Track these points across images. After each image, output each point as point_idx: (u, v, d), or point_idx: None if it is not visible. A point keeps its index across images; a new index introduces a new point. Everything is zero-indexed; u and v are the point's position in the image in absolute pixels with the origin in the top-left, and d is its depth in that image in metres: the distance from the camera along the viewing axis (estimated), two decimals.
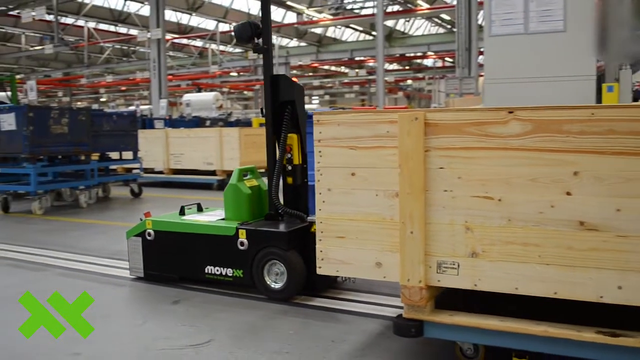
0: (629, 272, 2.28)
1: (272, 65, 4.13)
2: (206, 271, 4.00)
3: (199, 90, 28.58)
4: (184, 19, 29.40)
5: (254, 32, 4.11)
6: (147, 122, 14.94)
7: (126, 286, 4.22)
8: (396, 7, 24.41)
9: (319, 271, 2.91)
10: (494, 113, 2.45)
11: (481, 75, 17.47)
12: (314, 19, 26.78)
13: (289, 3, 25.81)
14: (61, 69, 31.52)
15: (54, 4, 20.68)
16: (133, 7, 27.62)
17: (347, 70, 34.50)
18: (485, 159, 2.48)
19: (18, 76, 24.38)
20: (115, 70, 31.51)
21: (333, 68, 36.70)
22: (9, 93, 12.57)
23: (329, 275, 2.95)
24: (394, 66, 34.75)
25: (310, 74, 36.65)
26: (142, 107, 28.72)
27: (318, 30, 30.63)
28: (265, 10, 4.11)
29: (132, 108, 30.24)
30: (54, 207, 8.68)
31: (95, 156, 9.44)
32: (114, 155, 10.00)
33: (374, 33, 27.54)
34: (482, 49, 18.18)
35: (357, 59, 29.93)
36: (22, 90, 21.73)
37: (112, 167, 10.44)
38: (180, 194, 9.66)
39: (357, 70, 32.38)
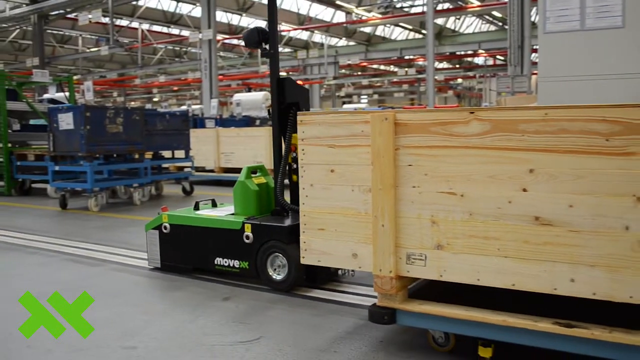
0: (581, 265, 2.41)
1: (278, 69, 4.34)
2: (216, 262, 4.28)
3: (249, 90, 29.11)
4: (235, 19, 30.01)
5: (261, 38, 4.32)
6: (199, 122, 15.41)
7: (176, 281, 4.40)
8: (446, 5, 24.36)
9: (302, 261, 3.13)
10: (457, 113, 2.61)
11: (534, 74, 17.26)
12: (363, 17, 26.92)
13: (338, 2, 26.04)
14: (116, 69, 32.67)
15: (109, 7, 21.41)
16: (185, 9, 28.41)
17: (396, 69, 34.49)
18: (449, 157, 2.65)
19: (75, 77, 25.44)
20: (168, 70, 32.46)
21: (382, 67, 36.73)
22: (67, 93, 12.73)
23: (312, 264, 3.17)
24: (444, 65, 34.54)
25: (359, 73, 36.79)
26: (193, 106, 29.49)
27: (367, 29, 30.75)
28: (272, 16, 4.31)
29: (184, 108, 31.10)
30: (109, 204, 9.05)
31: (148, 155, 9.81)
32: (167, 154, 10.38)
33: (423, 31, 27.53)
34: (535, 47, 17.90)
35: (406, 57, 29.93)
36: (79, 91, 22.67)
37: (165, 165, 10.84)
38: (230, 192, 9.99)
39: (406, 69, 32.36)
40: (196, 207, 4.64)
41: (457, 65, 35.31)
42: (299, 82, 4.58)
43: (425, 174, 2.70)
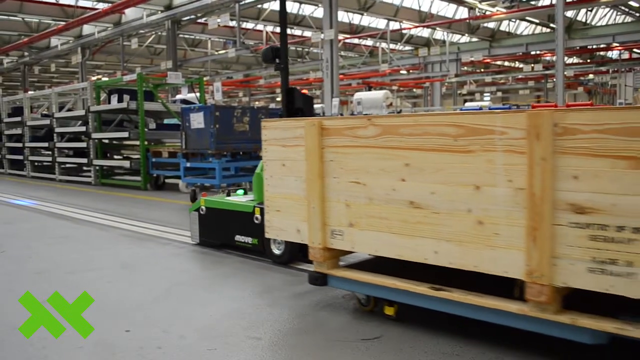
0: (441, 240, 3.13)
1: (288, 80, 5.27)
2: (236, 239, 5.30)
3: (369, 89, 30.02)
4: (355, 19, 30.96)
5: (274, 54, 5.27)
6: None
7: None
8: None
9: (266, 235, 4.06)
10: (360, 120, 3.41)
11: None
12: (487, 13, 26.77)
13: None
14: (242, 71, 34.92)
15: (236, 11, 23.00)
16: (307, 10, 29.76)
17: (521, 66, 33.79)
18: (355, 154, 3.45)
19: (205, 78, 27.74)
20: (291, 71, 34.17)
21: (506, 63, 36.11)
22: (198, 94, 13.94)
23: (278, 239, 4.07)
24: (574, 60, 33.34)
25: (482, 70, 36.43)
26: (315, 105, 30.91)
27: (491, 25, 30.47)
28: (283, 35, 5.23)
29: None
30: None
31: None
32: None
33: (552, 25, 26.88)
34: None
35: (532, 53, 29.36)
36: (208, 92, 24.75)
37: None
38: None
39: (532, 65, 31.68)
40: (228, 194, 5.69)
41: (588, 60, 33.93)
42: (304, 91, 5.45)
43: (341, 168, 3.52)
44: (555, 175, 2.67)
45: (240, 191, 5.81)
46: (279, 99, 44.37)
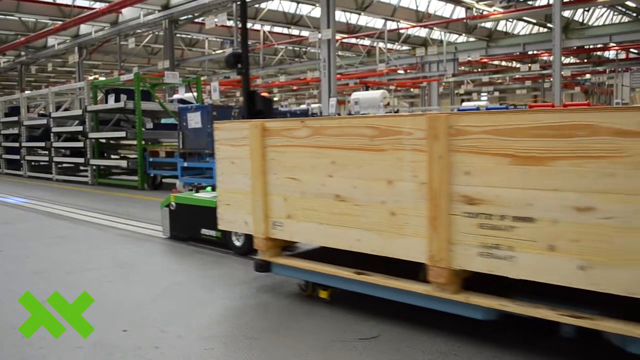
0: (363, 230, 3.53)
1: (249, 84, 5.69)
2: (202, 233, 5.72)
3: (367, 89, 30.38)
4: (353, 19, 31.34)
5: (236, 60, 5.69)
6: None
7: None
8: None
9: (219, 227, 4.47)
10: (294, 123, 3.82)
11: None
12: (485, 12, 27.10)
13: None
14: None
15: (234, 11, 23.28)
16: (305, 10, 30.12)
17: (518, 65, 34.12)
18: (291, 153, 3.85)
19: (202, 78, 28.15)
20: (288, 70, 34.60)
21: (503, 63, 36.43)
22: (195, 94, 14.12)
23: (229, 230, 4.48)
24: (571, 59, 33.65)
25: (479, 70, 36.77)
26: (312, 105, 31.23)
27: (488, 25, 30.82)
28: (244, 42, 5.65)
29: (303, 106, 33.02)
30: None
31: None
32: None
33: (549, 25, 27.15)
34: None
35: (529, 53, 29.67)
36: (205, 91, 25.07)
37: None
38: None
39: (529, 64, 32.02)
40: (197, 191, 6.11)
41: (585, 60, 34.25)
42: (264, 94, 5.87)
43: (280, 165, 3.93)
44: (451, 170, 3.07)
45: (209, 188, 6.23)
46: (276, 98, 44.88)
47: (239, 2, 22.57)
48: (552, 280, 2.80)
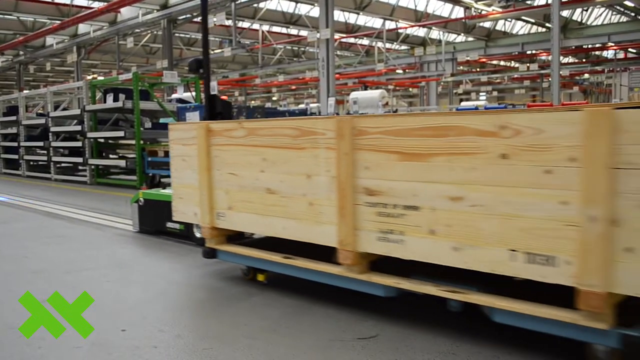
0: (288, 219, 4.06)
1: (209, 88, 6.23)
2: (167, 226, 6.25)
3: (365, 88, 30.90)
4: (352, 18, 31.81)
5: (199, 65, 6.22)
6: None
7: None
8: None
9: (173, 218, 5.01)
10: (233, 124, 4.37)
11: None
12: (483, 12, 27.49)
13: None
14: (237, 70, 35.93)
15: (232, 10, 23.64)
16: (304, 9, 30.60)
17: (517, 65, 34.55)
18: (231, 151, 4.39)
19: None
20: (287, 70, 35.14)
21: (502, 63, 36.83)
22: (194, 93, 14.35)
23: (184, 222, 5.01)
24: (569, 59, 34.04)
25: (478, 69, 37.19)
26: (311, 105, 31.75)
27: (487, 24, 31.24)
28: (205, 49, 6.18)
29: (302, 106, 33.57)
30: None
31: None
32: None
33: (547, 25, 27.55)
34: None
35: (528, 52, 30.08)
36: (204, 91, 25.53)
37: None
38: None
39: (528, 64, 32.45)
40: (164, 187, 6.66)
41: (584, 60, 34.65)
42: (224, 97, 6.41)
43: (222, 162, 4.48)
44: (354, 166, 3.59)
45: None
46: (275, 98, 45.48)
47: (237, 2, 23.03)
48: (434, 260, 3.32)
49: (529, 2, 26.86)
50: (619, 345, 2.78)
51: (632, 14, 27.84)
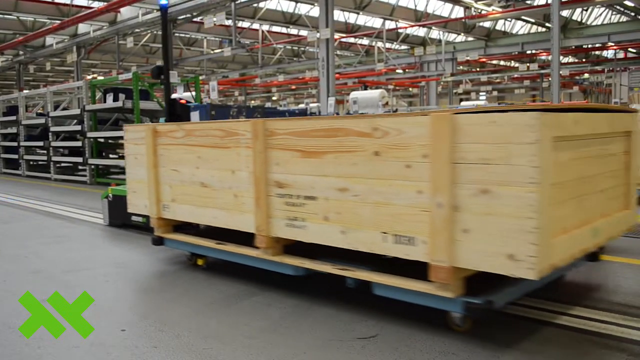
0: (218, 209, 4.72)
1: (170, 93, 6.95)
2: (132, 219, 6.94)
3: (365, 88, 31.38)
4: (351, 18, 32.35)
5: (159, 72, 6.92)
6: None
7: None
8: None
9: (128, 210, 5.69)
10: (174, 126, 5.03)
11: None
12: (483, 12, 27.93)
13: None
14: (237, 70, 36.55)
15: (232, 10, 23.98)
16: (303, 9, 31.15)
17: (517, 65, 35.01)
18: (173, 150, 5.08)
19: (200, 77, 29.27)
20: (286, 70, 35.74)
21: (502, 63, 37.29)
22: (194, 93, 14.59)
23: (138, 214, 5.68)
24: (569, 59, 34.48)
25: (478, 69, 37.66)
26: (311, 104, 32.29)
27: (487, 24, 31.71)
28: (165, 57, 6.89)
29: (301, 106, 34.14)
30: None
31: None
32: None
33: (547, 24, 27.97)
34: None
35: (528, 52, 30.51)
36: (204, 91, 26.13)
37: None
38: None
39: (528, 64, 32.93)
40: None
41: (584, 60, 35.08)
42: (182, 101, 7.19)
43: (167, 159, 5.16)
44: (267, 162, 4.25)
45: None
46: (275, 98, 46.14)
47: (237, 2, 23.51)
48: (327, 242, 3.97)
49: (528, 2, 27.29)
50: (463, 311, 3.40)
51: (632, 14, 28.23)
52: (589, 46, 31.17)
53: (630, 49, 30.78)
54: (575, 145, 3.42)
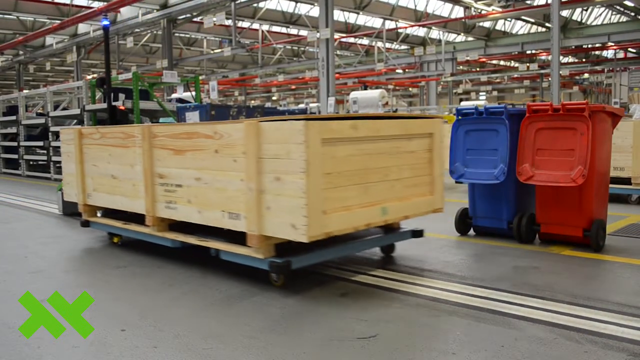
0: (122, 196, 6.06)
1: (111, 100, 8.49)
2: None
3: (365, 88, 31.44)
4: (351, 18, 32.43)
5: (102, 82, 8.35)
6: None
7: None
8: None
9: (64, 199, 7.28)
10: (93, 129, 6.44)
11: None
12: (483, 12, 27.95)
13: None
14: (237, 69, 36.98)
15: (232, 10, 24.04)
16: (303, 9, 31.23)
17: (516, 65, 35.10)
18: (94, 149, 6.45)
19: (201, 77, 29.20)
20: (286, 70, 36.07)
21: (502, 62, 37.35)
22: (193, 93, 14.46)
23: (72, 201, 7.07)
24: (569, 59, 34.53)
25: (478, 69, 37.72)
26: (311, 104, 32.30)
27: (487, 24, 31.78)
28: (107, 67, 8.38)
29: (301, 106, 34.13)
30: None
31: None
32: None
33: (547, 24, 28.04)
34: None
35: (528, 52, 30.54)
36: (204, 90, 26.07)
37: None
38: None
39: (527, 64, 33.05)
40: None
41: (584, 59, 35.21)
42: (121, 107, 9.41)
43: (89, 156, 6.53)
44: (152, 158, 5.55)
45: None
46: (274, 98, 46.21)
47: (236, 1, 23.52)
48: (190, 220, 5.22)
49: (528, 2, 27.51)
50: (270, 269, 4.56)
51: (632, 14, 28.44)
52: (589, 46, 31.42)
53: (630, 49, 30.98)
54: (355, 144, 4.57)
